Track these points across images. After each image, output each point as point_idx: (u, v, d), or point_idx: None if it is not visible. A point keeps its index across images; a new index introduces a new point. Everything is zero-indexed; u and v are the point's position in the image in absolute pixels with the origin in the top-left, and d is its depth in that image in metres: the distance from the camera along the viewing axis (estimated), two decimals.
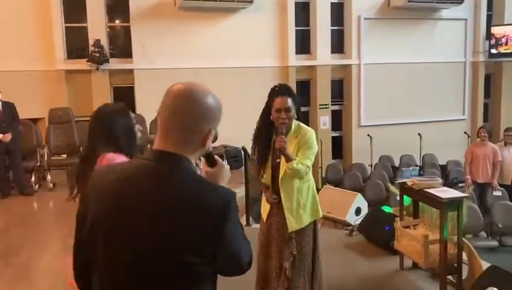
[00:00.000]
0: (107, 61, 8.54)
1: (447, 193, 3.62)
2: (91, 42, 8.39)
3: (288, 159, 2.87)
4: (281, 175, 2.99)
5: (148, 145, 5.64)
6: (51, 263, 4.35)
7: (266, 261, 3.09)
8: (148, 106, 8.52)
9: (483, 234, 6.31)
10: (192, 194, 1.21)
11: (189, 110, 1.25)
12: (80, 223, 1.32)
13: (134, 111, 8.78)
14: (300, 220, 3.02)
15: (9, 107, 6.56)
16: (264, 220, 3.15)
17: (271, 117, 2.96)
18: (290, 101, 2.92)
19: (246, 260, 1.30)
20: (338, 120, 10.55)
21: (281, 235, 3.05)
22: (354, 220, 5.36)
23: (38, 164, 7.25)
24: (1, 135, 6.37)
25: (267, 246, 3.10)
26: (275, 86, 3.03)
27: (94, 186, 1.31)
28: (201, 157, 1.41)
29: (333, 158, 10.10)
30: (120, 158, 2.05)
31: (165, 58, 8.75)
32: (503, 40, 10.86)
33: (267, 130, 3.03)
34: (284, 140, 2.83)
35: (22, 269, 4.25)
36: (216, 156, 1.44)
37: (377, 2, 10.24)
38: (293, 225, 3.01)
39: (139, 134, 2.23)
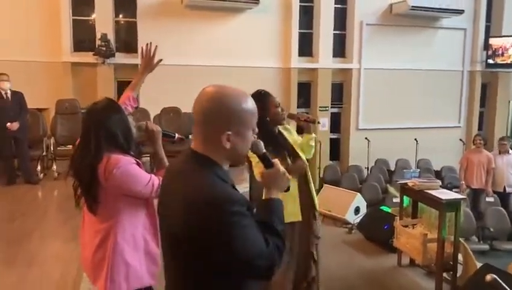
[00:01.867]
0: (113, 55, 8.65)
1: (446, 194, 3.81)
2: (98, 36, 8.50)
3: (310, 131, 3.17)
4: (306, 154, 3.15)
5: None
6: (61, 250, 4.42)
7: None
8: (151, 100, 8.70)
9: (474, 238, 6.54)
10: (192, 191, 1.30)
11: (205, 106, 1.34)
12: None
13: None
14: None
15: (18, 96, 6.67)
16: None
17: (268, 118, 3.00)
18: None
19: (260, 263, 1.29)
20: (337, 122, 10.76)
21: (302, 222, 3.07)
22: (353, 218, 5.53)
23: (44, 153, 7.36)
24: (9, 123, 6.49)
25: None
26: (260, 91, 3.02)
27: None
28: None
29: (331, 159, 10.29)
30: (125, 158, 2.05)
31: (170, 55, 8.84)
32: (500, 51, 11.14)
33: (272, 131, 3.08)
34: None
35: (33, 256, 4.31)
36: (275, 160, 1.48)
37: (380, 9, 10.45)
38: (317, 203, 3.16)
39: (134, 129, 2.19)
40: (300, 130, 3.29)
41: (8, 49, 7.92)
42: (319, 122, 3.11)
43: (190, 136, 8.79)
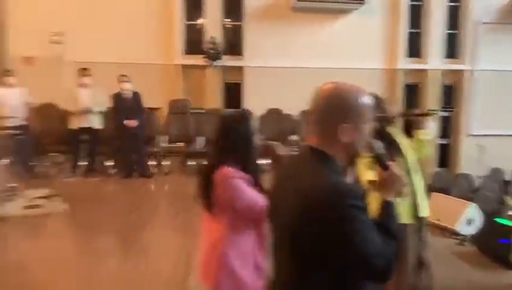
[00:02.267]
0: (220, 58, 8.99)
1: None
2: (207, 39, 8.90)
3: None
4: (421, 152, 3.09)
5: None
6: (171, 243, 4.66)
7: None
8: (255, 102, 8.91)
9: None
10: (308, 188, 1.30)
11: (322, 102, 1.38)
12: None
13: (239, 107, 9.16)
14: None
15: (136, 96, 7.26)
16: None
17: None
18: None
19: (378, 261, 1.26)
20: (447, 127, 10.15)
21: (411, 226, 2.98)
22: (465, 230, 5.18)
23: (156, 149, 7.88)
24: (126, 120, 7.04)
25: None
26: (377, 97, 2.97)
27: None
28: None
29: (439, 166, 9.76)
30: (235, 173, 2.08)
31: (274, 57, 9.02)
32: None
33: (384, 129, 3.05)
34: None
35: (146, 248, 4.58)
36: (391, 162, 1.45)
37: (497, 6, 9.69)
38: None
39: (258, 143, 2.18)
40: (409, 130, 3.18)
41: (127, 53, 8.52)
42: (435, 113, 3.00)
43: None
